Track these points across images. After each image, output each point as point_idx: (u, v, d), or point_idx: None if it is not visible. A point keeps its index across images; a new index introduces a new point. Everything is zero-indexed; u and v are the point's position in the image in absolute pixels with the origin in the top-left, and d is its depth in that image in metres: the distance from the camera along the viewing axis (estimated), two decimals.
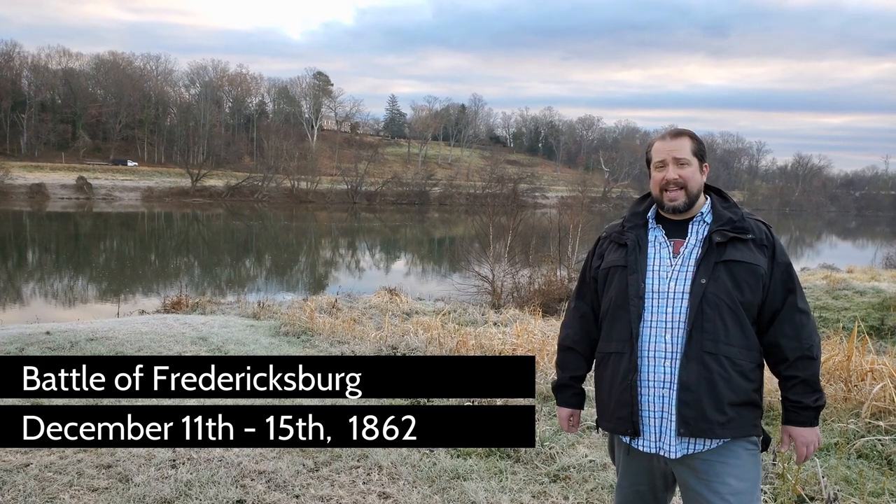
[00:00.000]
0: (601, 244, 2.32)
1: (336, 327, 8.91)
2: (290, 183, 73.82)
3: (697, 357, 2.03)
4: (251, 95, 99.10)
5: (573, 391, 2.38)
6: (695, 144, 2.18)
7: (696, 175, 2.16)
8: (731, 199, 2.23)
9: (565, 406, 2.39)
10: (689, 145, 2.17)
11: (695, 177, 2.15)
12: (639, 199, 2.33)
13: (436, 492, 3.57)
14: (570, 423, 2.40)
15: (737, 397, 2.04)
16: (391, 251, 40.36)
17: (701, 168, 2.18)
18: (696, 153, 2.17)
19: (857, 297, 15.77)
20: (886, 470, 3.77)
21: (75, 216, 51.30)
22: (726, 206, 2.19)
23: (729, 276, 2.05)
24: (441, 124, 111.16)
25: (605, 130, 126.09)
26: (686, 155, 2.15)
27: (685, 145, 2.17)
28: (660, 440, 2.10)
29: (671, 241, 2.16)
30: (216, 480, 3.58)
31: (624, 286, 2.15)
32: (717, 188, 2.25)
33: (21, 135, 75.22)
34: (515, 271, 19.50)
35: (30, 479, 3.54)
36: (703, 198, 2.21)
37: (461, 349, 6.55)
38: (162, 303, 15.33)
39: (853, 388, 4.86)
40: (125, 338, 7.41)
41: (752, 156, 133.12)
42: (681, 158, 2.15)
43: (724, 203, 2.20)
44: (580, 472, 3.82)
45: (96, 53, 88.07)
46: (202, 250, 35.60)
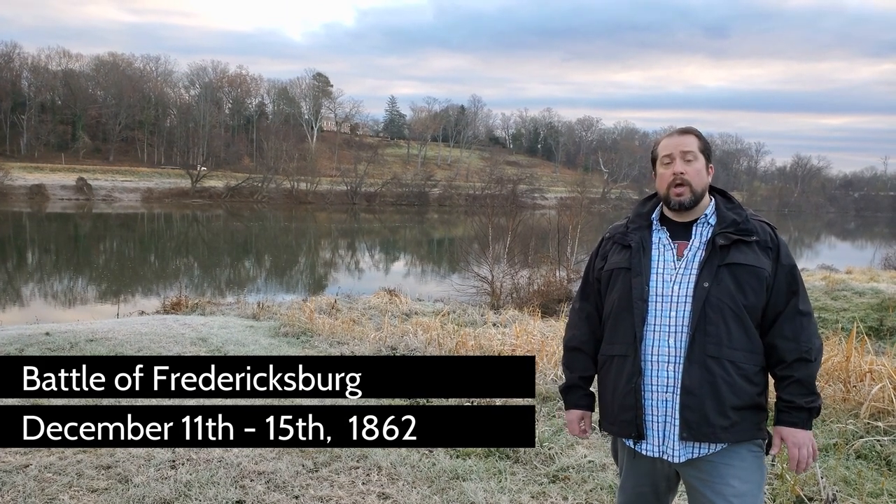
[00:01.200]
0: (604, 245, 2.30)
1: (335, 328, 8.90)
2: (290, 184, 73.81)
3: (700, 361, 2.02)
4: (251, 96, 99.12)
5: (583, 392, 2.34)
6: (701, 143, 2.19)
7: (703, 173, 2.16)
8: (735, 201, 2.22)
9: (575, 408, 2.35)
10: (695, 142, 2.17)
11: (701, 174, 2.15)
12: (643, 200, 2.32)
13: (435, 492, 3.57)
14: (580, 426, 2.35)
15: (740, 401, 2.03)
16: (390, 252, 40.35)
17: (707, 167, 2.18)
18: (702, 151, 2.17)
19: (855, 297, 15.78)
20: (885, 470, 3.78)
21: (75, 217, 51.27)
22: (730, 207, 2.18)
23: (732, 280, 2.04)
24: (440, 125, 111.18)
25: (604, 131, 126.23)
26: (693, 150, 2.15)
27: (692, 142, 2.17)
28: (664, 444, 2.09)
29: (675, 244, 2.15)
30: (216, 481, 3.58)
31: (627, 289, 2.14)
32: (722, 189, 2.25)
33: (21, 136, 75.18)
34: (514, 272, 19.49)
35: (29, 479, 3.54)
36: (708, 199, 2.20)
37: (460, 350, 6.55)
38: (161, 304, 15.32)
39: (852, 388, 4.86)
40: (125, 338, 7.41)
41: (751, 157, 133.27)
42: (688, 152, 2.15)
43: (729, 204, 2.19)
44: (579, 473, 3.82)
45: (96, 54, 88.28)
46: (202, 251, 35.59)
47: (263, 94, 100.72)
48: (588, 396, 2.35)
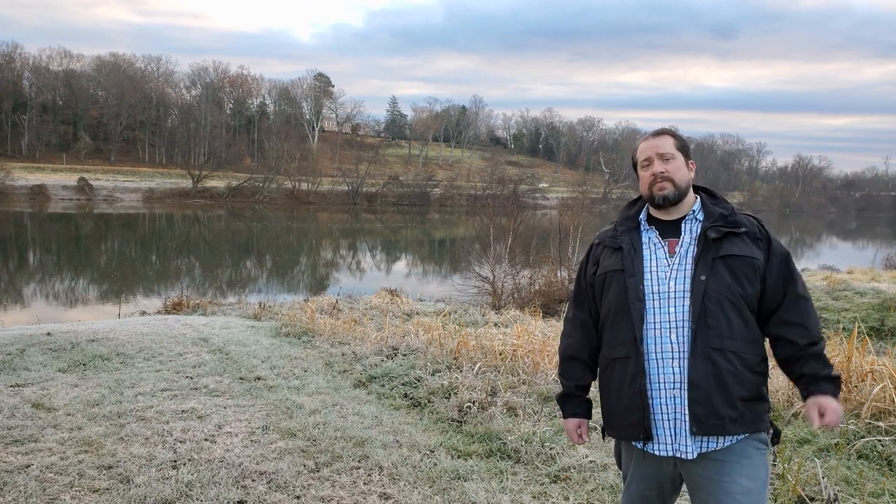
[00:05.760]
0: (594, 250, 2.32)
1: (337, 328, 8.90)
2: (291, 184, 73.77)
3: (704, 354, 2.03)
4: (252, 97, 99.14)
5: (580, 400, 2.36)
6: (677, 141, 2.22)
7: (683, 168, 2.19)
8: (719, 196, 2.25)
9: (573, 417, 2.36)
10: (671, 142, 2.21)
11: (681, 170, 2.18)
12: (629, 204, 2.34)
13: (436, 492, 3.57)
14: (578, 434, 2.36)
15: (746, 392, 2.05)
16: (392, 252, 40.34)
17: (687, 164, 2.21)
18: (679, 149, 2.21)
19: (857, 298, 15.76)
20: (886, 471, 3.77)
21: (76, 217, 51.28)
22: (716, 202, 2.21)
23: (728, 271, 2.06)
24: (441, 125, 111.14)
25: (606, 132, 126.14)
26: (670, 150, 2.19)
27: (667, 142, 2.21)
28: (676, 441, 2.09)
29: (665, 241, 2.17)
30: (217, 481, 3.58)
31: (623, 290, 2.14)
32: (706, 188, 2.28)
33: (22, 136, 75.23)
34: (516, 272, 19.49)
35: (31, 479, 3.54)
36: (693, 196, 2.23)
37: (462, 350, 6.55)
38: (163, 304, 15.36)
39: (853, 388, 4.85)
40: (126, 339, 7.42)
41: (752, 157, 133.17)
42: (664, 153, 2.19)
43: (714, 200, 2.23)
44: (580, 473, 3.82)
45: (97, 55, 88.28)
46: (203, 251, 35.59)
47: (265, 94, 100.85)
48: (585, 404, 2.37)
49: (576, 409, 2.36)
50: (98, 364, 6.36)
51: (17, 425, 4.42)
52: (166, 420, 4.66)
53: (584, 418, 2.37)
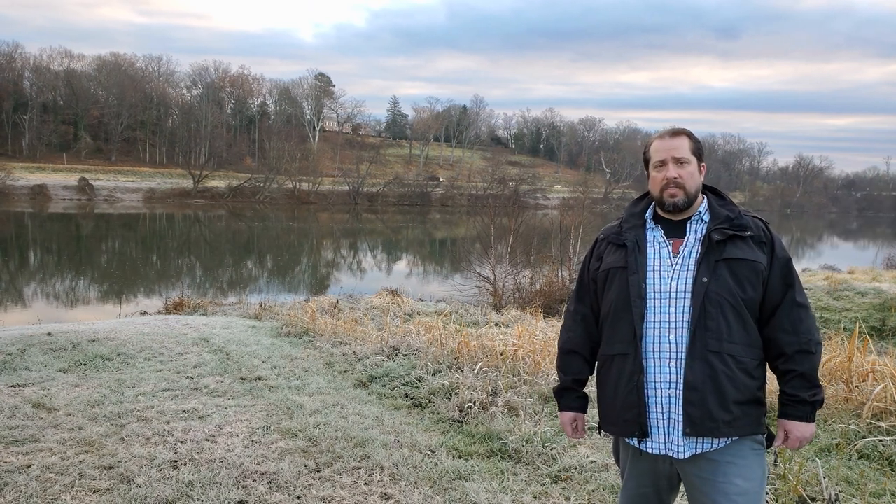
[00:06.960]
0: (599, 246, 2.31)
1: (337, 328, 8.90)
2: (292, 184, 73.74)
3: (702, 356, 2.03)
4: (253, 97, 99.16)
5: (576, 394, 2.37)
6: (693, 144, 2.20)
7: (695, 174, 2.17)
8: (727, 198, 2.24)
9: (568, 410, 2.37)
10: (687, 144, 2.18)
11: (694, 176, 2.17)
12: (635, 200, 2.33)
13: (437, 492, 3.57)
14: (573, 427, 2.37)
15: (742, 395, 2.04)
16: (392, 252, 40.33)
17: (699, 167, 2.19)
18: (694, 152, 2.19)
19: (858, 297, 15.74)
20: (888, 471, 3.77)
21: (77, 217, 51.28)
22: (723, 204, 2.20)
23: (730, 274, 2.06)
24: (442, 125, 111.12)
25: (607, 131, 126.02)
26: (685, 154, 2.17)
27: (684, 144, 2.18)
28: (668, 441, 2.10)
29: (670, 241, 2.16)
30: (218, 481, 3.58)
31: (625, 287, 2.14)
32: (714, 187, 2.26)
33: (23, 136, 75.24)
34: (517, 272, 19.48)
35: (31, 480, 3.54)
36: (701, 197, 2.22)
37: (462, 350, 6.55)
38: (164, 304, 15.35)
39: (854, 388, 4.85)
40: (127, 339, 7.42)
41: (753, 157, 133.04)
42: (681, 158, 2.16)
43: (721, 201, 2.21)
44: (581, 473, 3.82)
45: (98, 54, 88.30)
46: (204, 251, 35.59)
47: (265, 94, 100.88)
48: (581, 398, 2.38)
49: (572, 402, 2.37)
50: (99, 364, 6.37)
51: (18, 425, 4.42)
52: (167, 420, 4.66)
53: (580, 412, 2.38)
